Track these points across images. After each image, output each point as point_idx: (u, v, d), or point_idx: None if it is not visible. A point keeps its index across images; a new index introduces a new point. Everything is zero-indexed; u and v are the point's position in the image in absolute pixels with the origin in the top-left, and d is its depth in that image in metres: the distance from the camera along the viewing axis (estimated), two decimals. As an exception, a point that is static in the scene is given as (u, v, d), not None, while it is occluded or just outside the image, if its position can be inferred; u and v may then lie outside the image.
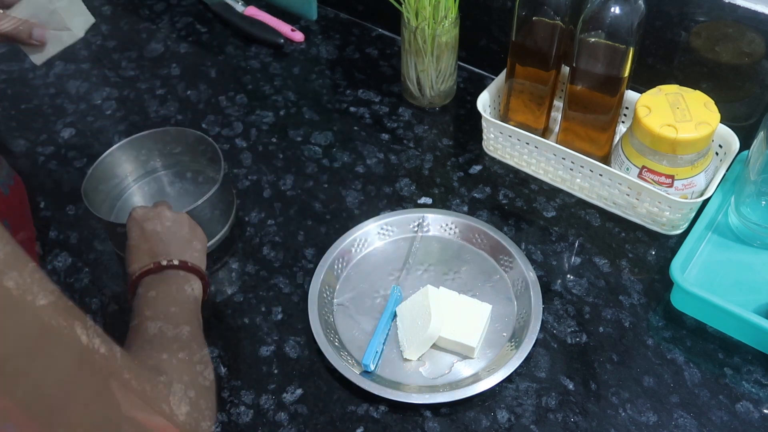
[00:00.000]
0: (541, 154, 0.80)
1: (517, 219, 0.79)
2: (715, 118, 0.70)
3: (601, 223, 0.78)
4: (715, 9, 0.73)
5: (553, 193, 0.81)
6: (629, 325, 0.69)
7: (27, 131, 0.93)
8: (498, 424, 0.62)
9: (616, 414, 0.63)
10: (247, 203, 0.82)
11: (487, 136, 0.84)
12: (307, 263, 0.75)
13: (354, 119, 0.92)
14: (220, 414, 0.64)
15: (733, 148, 0.75)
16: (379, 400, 0.63)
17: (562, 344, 0.67)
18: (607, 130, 0.77)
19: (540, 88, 0.79)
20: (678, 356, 0.66)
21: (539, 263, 0.74)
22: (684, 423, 0.62)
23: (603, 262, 0.74)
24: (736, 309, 0.64)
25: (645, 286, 0.72)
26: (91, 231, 0.80)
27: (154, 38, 1.06)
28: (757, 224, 0.73)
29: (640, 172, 0.73)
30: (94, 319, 0.72)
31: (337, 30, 1.06)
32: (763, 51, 0.73)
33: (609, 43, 0.69)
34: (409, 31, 0.84)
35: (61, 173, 0.87)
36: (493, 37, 0.92)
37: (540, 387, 0.65)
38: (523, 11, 0.74)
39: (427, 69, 0.87)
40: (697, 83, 0.77)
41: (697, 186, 0.73)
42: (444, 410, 0.63)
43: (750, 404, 0.63)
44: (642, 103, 0.72)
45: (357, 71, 0.99)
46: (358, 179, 0.84)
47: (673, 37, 0.77)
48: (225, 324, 0.71)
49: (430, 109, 0.93)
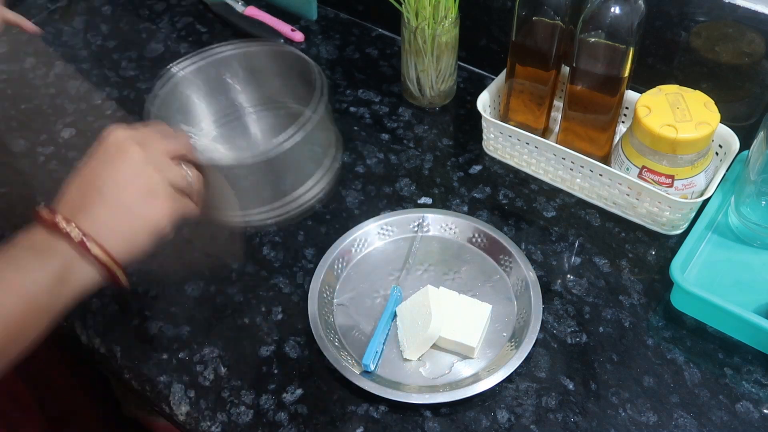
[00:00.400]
0: (541, 154, 0.80)
1: (517, 219, 0.79)
2: (715, 118, 0.70)
3: (601, 223, 0.78)
4: (715, 9, 0.73)
5: (553, 193, 0.81)
6: (629, 325, 0.69)
7: (27, 131, 0.93)
8: (498, 424, 0.62)
9: (616, 414, 0.63)
10: (247, 203, 0.82)
11: (487, 136, 0.84)
12: (307, 263, 0.75)
13: (354, 119, 0.92)
14: (220, 414, 0.64)
15: (733, 148, 0.75)
16: (379, 400, 0.63)
17: (562, 344, 0.67)
18: (607, 130, 0.77)
19: (540, 88, 0.79)
20: (678, 356, 0.66)
21: (539, 263, 0.74)
22: (684, 423, 0.62)
23: (603, 262, 0.74)
24: (736, 309, 0.64)
25: (645, 286, 0.72)
26: (91, 231, 0.80)
27: (154, 38, 1.06)
28: (757, 224, 0.73)
29: (640, 172, 0.73)
30: (94, 318, 0.72)
31: (337, 30, 1.06)
32: (763, 51, 0.73)
33: (609, 43, 0.69)
34: (409, 31, 0.84)
35: (61, 173, 0.87)
36: (493, 37, 0.92)
37: (540, 387, 0.65)
38: (523, 11, 0.74)
39: (427, 69, 0.87)
40: (697, 83, 0.77)
41: (697, 186, 0.73)
42: (444, 410, 0.63)
43: (750, 404, 0.63)
44: (642, 103, 0.72)
45: (357, 71, 0.99)
46: (358, 179, 0.84)
47: (673, 37, 0.77)
48: (225, 324, 0.71)
49: (430, 109, 0.93)
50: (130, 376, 0.68)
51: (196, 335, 0.70)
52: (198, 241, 0.77)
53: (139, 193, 0.50)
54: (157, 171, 0.51)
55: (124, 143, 0.51)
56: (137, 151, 0.50)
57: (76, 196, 0.50)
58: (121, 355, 0.69)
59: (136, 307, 0.72)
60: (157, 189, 0.51)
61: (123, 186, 0.49)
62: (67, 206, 0.49)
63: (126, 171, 0.50)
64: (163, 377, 0.67)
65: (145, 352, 0.69)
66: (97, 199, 0.49)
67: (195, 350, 0.68)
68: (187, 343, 0.69)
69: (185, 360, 0.68)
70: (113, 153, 0.51)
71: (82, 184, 0.50)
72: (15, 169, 0.88)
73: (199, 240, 0.77)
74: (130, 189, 0.50)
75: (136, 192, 0.50)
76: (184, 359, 0.68)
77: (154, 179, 0.51)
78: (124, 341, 0.70)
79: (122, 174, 0.50)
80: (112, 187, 0.49)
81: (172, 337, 0.70)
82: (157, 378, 0.67)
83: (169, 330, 0.70)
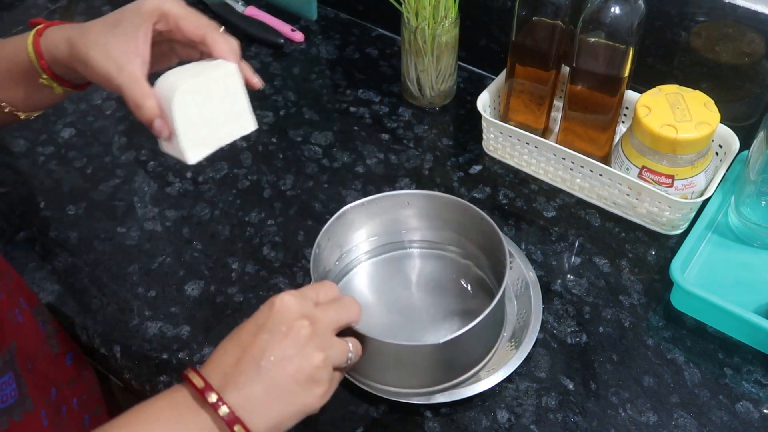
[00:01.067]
0: (541, 154, 0.80)
1: (517, 219, 0.79)
2: (715, 118, 0.70)
3: (601, 223, 0.78)
4: (715, 9, 0.73)
5: (553, 193, 0.81)
6: (629, 325, 0.69)
7: (27, 131, 0.93)
8: (498, 424, 0.62)
9: (616, 414, 0.63)
10: (247, 203, 0.82)
11: (487, 136, 0.84)
12: (307, 263, 0.75)
13: (354, 119, 0.92)
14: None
15: (733, 148, 0.75)
16: (379, 400, 0.63)
17: (562, 344, 0.67)
18: (607, 130, 0.77)
19: (540, 88, 0.79)
20: (678, 356, 0.66)
21: (539, 263, 0.74)
22: (684, 423, 0.62)
23: (603, 262, 0.74)
24: (736, 309, 0.64)
25: (645, 286, 0.72)
26: (91, 231, 0.80)
27: (154, 38, 1.06)
28: (757, 224, 0.73)
29: (640, 172, 0.73)
30: (95, 318, 0.72)
31: (337, 30, 1.06)
32: (763, 51, 0.73)
33: (609, 43, 0.69)
34: (409, 31, 0.84)
35: (61, 173, 0.87)
36: (493, 37, 0.92)
37: (540, 387, 0.65)
38: (523, 11, 0.74)
39: (427, 69, 0.87)
40: (697, 83, 0.77)
41: (697, 186, 0.73)
42: (444, 410, 0.63)
43: (750, 404, 0.63)
44: (642, 103, 0.72)
45: (357, 71, 0.99)
46: (358, 179, 0.84)
47: (673, 37, 0.77)
48: (225, 324, 0.71)
49: (430, 109, 0.93)
50: (130, 376, 0.68)
51: (196, 335, 0.70)
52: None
53: (299, 377, 0.46)
54: (322, 351, 0.47)
55: (292, 316, 0.47)
56: (305, 327, 0.47)
57: (231, 362, 0.46)
58: (121, 355, 0.69)
59: (136, 307, 0.72)
60: (319, 375, 0.47)
61: (283, 365, 0.45)
62: (218, 372, 0.46)
63: (289, 349, 0.46)
64: (163, 377, 0.67)
65: (145, 352, 0.69)
66: (254, 374, 0.45)
67: (195, 350, 0.68)
68: (187, 343, 0.69)
69: (185, 360, 0.68)
70: (278, 324, 0.47)
71: (238, 351, 0.46)
72: (15, 169, 0.88)
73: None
74: (290, 370, 0.46)
75: (296, 375, 0.46)
76: (184, 359, 0.68)
77: (317, 363, 0.47)
78: (124, 341, 0.70)
79: (285, 351, 0.46)
80: (272, 363, 0.45)
81: (172, 337, 0.70)
82: (157, 378, 0.67)
83: (169, 330, 0.70)
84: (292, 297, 0.48)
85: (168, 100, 0.51)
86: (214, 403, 0.44)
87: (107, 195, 0.84)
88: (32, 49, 0.54)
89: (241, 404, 0.44)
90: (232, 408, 0.44)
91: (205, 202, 0.82)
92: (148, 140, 0.89)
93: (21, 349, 0.58)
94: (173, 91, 0.51)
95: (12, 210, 0.83)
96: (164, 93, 0.51)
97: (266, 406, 0.45)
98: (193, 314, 0.71)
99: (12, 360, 0.56)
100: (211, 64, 0.54)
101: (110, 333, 0.71)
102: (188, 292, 0.73)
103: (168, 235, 0.79)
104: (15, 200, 0.84)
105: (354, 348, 0.51)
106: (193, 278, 0.74)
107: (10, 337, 0.57)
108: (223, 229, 0.79)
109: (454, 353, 0.53)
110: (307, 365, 0.46)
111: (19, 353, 0.57)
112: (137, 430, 0.44)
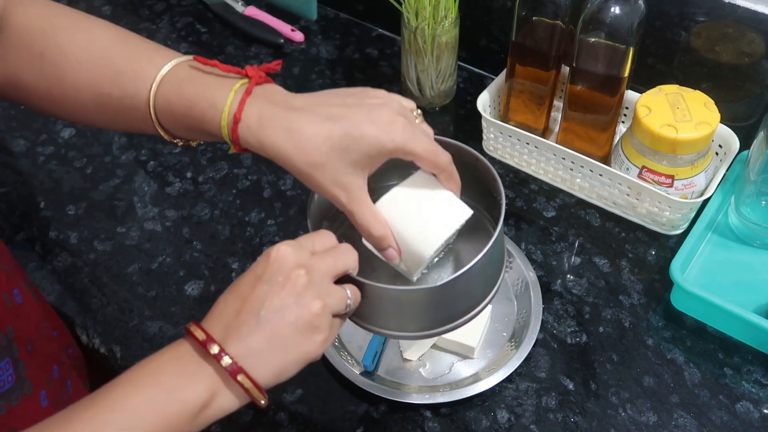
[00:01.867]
0: (541, 154, 0.80)
1: (517, 219, 0.79)
2: (715, 118, 0.70)
3: (601, 223, 0.78)
4: (715, 9, 0.73)
5: (553, 193, 0.81)
6: (629, 325, 0.69)
7: (27, 131, 0.93)
8: (498, 424, 0.62)
9: (616, 414, 0.63)
10: (247, 203, 0.82)
11: (487, 136, 0.84)
12: (307, 263, 0.75)
13: (354, 119, 0.92)
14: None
15: (733, 148, 0.75)
16: (379, 400, 0.63)
17: (562, 344, 0.67)
18: (607, 130, 0.77)
19: (540, 88, 0.79)
20: (678, 356, 0.66)
21: (539, 263, 0.74)
22: (684, 423, 0.62)
23: (603, 262, 0.74)
24: (736, 309, 0.64)
25: (645, 286, 0.72)
26: (91, 231, 0.80)
27: (154, 38, 1.06)
28: (757, 224, 0.73)
29: (640, 172, 0.73)
30: (95, 318, 0.72)
31: (337, 30, 1.06)
32: (763, 51, 0.73)
33: (609, 43, 0.69)
34: (409, 31, 0.84)
35: (61, 173, 0.87)
36: (493, 37, 0.92)
37: (540, 387, 0.65)
38: (523, 11, 0.74)
39: (427, 69, 0.87)
40: (697, 83, 0.77)
41: (697, 186, 0.73)
42: (444, 410, 0.63)
43: (750, 404, 0.63)
44: (642, 103, 0.72)
45: (357, 71, 0.99)
46: (358, 179, 0.84)
47: (673, 37, 0.77)
48: (225, 324, 0.71)
49: (430, 109, 0.93)
50: (130, 376, 0.68)
51: (196, 335, 0.70)
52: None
53: (298, 325, 0.46)
54: (320, 299, 0.47)
55: (289, 266, 0.47)
56: (302, 276, 0.47)
57: (231, 314, 0.46)
58: (121, 355, 0.69)
59: (136, 307, 0.72)
60: (318, 322, 0.47)
61: (282, 314, 0.46)
62: (219, 324, 0.46)
63: (287, 298, 0.46)
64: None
65: (145, 352, 0.69)
66: (254, 324, 0.45)
67: (195, 350, 0.68)
68: (187, 343, 0.69)
69: (185, 360, 0.68)
70: (275, 274, 0.47)
71: (238, 303, 0.47)
72: (15, 169, 0.88)
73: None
74: (289, 318, 0.46)
75: (295, 323, 0.46)
76: (184, 359, 0.68)
77: (315, 310, 0.47)
78: (124, 341, 0.70)
79: (284, 301, 0.46)
80: (272, 313, 0.46)
81: (172, 337, 0.69)
82: (157, 378, 0.67)
83: (169, 330, 0.70)
84: (289, 247, 0.48)
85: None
86: (216, 355, 0.44)
87: (107, 195, 0.84)
88: (228, 131, 0.49)
89: (243, 354, 0.45)
90: (234, 358, 0.44)
91: (205, 202, 0.82)
92: (148, 140, 0.89)
93: (20, 331, 0.57)
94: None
95: (12, 210, 0.83)
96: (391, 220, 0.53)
97: (268, 354, 0.46)
98: (193, 314, 0.71)
99: (9, 344, 0.55)
100: (437, 199, 0.55)
101: (110, 333, 0.71)
102: (188, 292, 0.73)
103: (168, 235, 0.79)
104: (15, 200, 0.84)
105: (352, 294, 0.51)
106: (193, 278, 0.74)
107: (7, 321, 0.56)
108: (223, 229, 0.79)
109: (453, 294, 0.53)
110: (306, 313, 0.46)
111: (18, 336, 0.57)
112: (146, 384, 0.44)
